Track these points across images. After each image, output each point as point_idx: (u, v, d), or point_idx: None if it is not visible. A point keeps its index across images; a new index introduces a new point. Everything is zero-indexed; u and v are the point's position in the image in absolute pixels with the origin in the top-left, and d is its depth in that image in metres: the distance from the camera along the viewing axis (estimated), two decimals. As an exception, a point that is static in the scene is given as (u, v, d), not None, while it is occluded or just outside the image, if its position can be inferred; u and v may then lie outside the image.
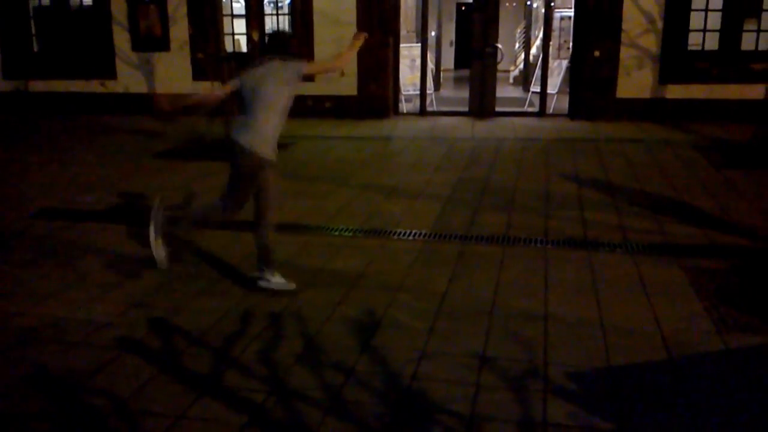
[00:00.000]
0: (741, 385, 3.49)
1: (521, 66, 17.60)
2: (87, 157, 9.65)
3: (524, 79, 16.29)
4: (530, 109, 13.12)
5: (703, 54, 11.54)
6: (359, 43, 4.97)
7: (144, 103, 13.36)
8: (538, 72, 13.29)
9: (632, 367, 3.67)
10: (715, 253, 5.41)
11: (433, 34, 15.69)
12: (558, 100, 12.92)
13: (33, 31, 13.86)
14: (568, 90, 12.58)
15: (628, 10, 11.40)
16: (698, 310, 4.35)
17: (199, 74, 12.70)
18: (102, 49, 13.39)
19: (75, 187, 7.78)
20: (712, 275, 4.92)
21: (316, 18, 12.41)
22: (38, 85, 13.84)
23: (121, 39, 13.28)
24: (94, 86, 13.64)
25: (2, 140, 11.13)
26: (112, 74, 13.50)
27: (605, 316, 4.28)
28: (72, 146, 10.48)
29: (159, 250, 5.02)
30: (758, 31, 11.33)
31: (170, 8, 12.92)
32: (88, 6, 13.45)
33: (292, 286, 4.72)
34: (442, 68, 18.09)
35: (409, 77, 13.07)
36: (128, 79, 13.45)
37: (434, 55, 15.97)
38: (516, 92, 16.31)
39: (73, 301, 4.61)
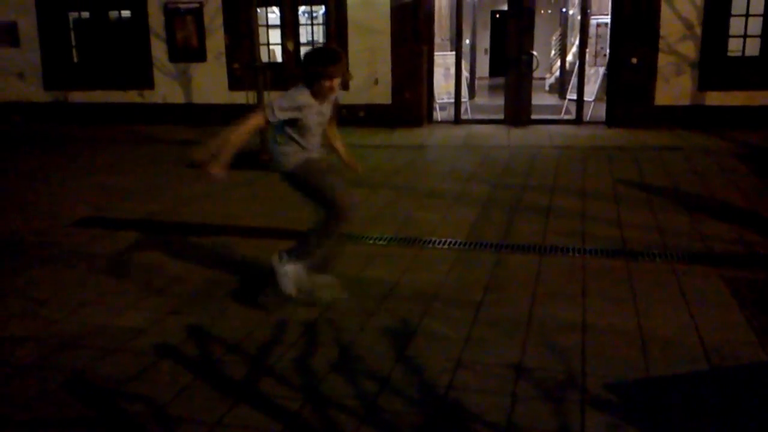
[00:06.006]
0: (786, 397, 3.40)
1: (557, 73, 17.49)
2: (125, 166, 9.80)
3: (560, 87, 16.18)
4: (567, 117, 13.03)
5: (743, 60, 11.36)
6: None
7: (181, 113, 13.55)
8: (574, 79, 13.20)
9: (672, 378, 3.60)
10: (757, 262, 5.30)
11: (467, 41, 15.68)
12: (595, 107, 12.81)
13: (73, 42, 14.15)
14: (605, 97, 12.46)
15: (666, 16, 11.27)
16: (739, 320, 4.26)
17: (235, 84, 12.85)
18: (140, 60, 13.62)
19: (113, 196, 7.89)
20: (754, 285, 4.81)
21: (350, 28, 12.47)
22: (78, 96, 14.11)
23: (159, 50, 13.49)
24: (132, 96, 13.86)
25: (42, 150, 11.35)
26: (149, 84, 13.72)
27: (644, 325, 4.21)
28: (110, 155, 10.66)
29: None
30: (800, 36, 11.14)
31: (206, 19, 13.09)
32: (127, 18, 13.70)
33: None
34: (476, 76, 18.05)
35: (443, 85, 13.06)
36: (165, 89, 13.65)
37: (469, 62, 15.95)
38: (552, 100, 16.21)
39: (110, 308, 4.66)
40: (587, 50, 13.02)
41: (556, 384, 3.55)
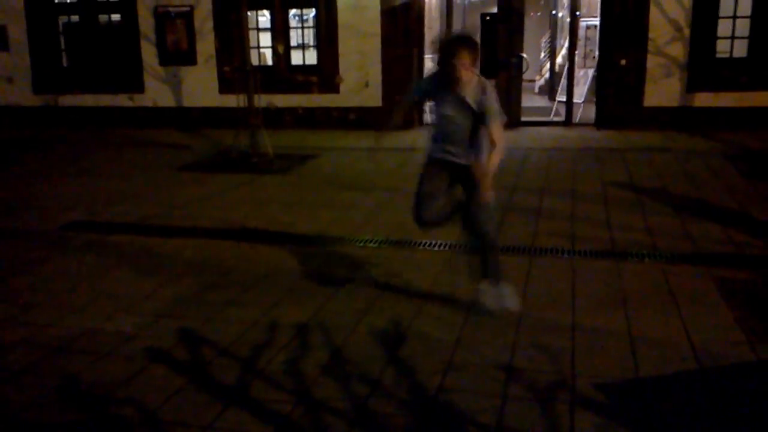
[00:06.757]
0: (773, 396, 3.43)
1: (547, 75, 17.55)
2: (115, 170, 9.77)
3: (550, 89, 16.23)
4: (556, 119, 13.07)
5: (731, 61, 11.42)
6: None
7: (172, 116, 13.52)
8: (563, 81, 13.26)
9: (662, 378, 3.62)
10: (746, 263, 5.33)
11: (457, 44, 15.70)
12: (584, 109, 12.86)
13: (62, 46, 14.10)
14: (594, 99, 12.51)
15: (655, 18, 11.33)
16: (729, 321, 4.29)
17: (225, 87, 12.84)
18: (130, 64, 13.59)
19: (104, 200, 7.87)
20: (743, 285, 4.84)
21: (340, 31, 12.49)
22: (68, 100, 14.06)
23: (149, 53, 13.47)
24: (122, 100, 13.83)
25: (33, 154, 11.30)
26: (140, 88, 13.69)
27: (634, 326, 4.23)
28: (101, 159, 10.63)
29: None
30: (788, 37, 11.19)
31: (197, 23, 13.08)
32: (117, 21, 13.66)
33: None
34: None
35: (434, 88, 13.06)
36: (156, 92, 13.62)
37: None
38: (542, 102, 16.25)
39: (101, 312, 4.66)
40: (576, 52, 13.06)
41: (546, 385, 3.57)
